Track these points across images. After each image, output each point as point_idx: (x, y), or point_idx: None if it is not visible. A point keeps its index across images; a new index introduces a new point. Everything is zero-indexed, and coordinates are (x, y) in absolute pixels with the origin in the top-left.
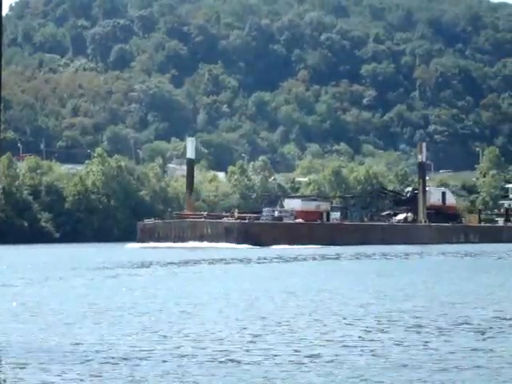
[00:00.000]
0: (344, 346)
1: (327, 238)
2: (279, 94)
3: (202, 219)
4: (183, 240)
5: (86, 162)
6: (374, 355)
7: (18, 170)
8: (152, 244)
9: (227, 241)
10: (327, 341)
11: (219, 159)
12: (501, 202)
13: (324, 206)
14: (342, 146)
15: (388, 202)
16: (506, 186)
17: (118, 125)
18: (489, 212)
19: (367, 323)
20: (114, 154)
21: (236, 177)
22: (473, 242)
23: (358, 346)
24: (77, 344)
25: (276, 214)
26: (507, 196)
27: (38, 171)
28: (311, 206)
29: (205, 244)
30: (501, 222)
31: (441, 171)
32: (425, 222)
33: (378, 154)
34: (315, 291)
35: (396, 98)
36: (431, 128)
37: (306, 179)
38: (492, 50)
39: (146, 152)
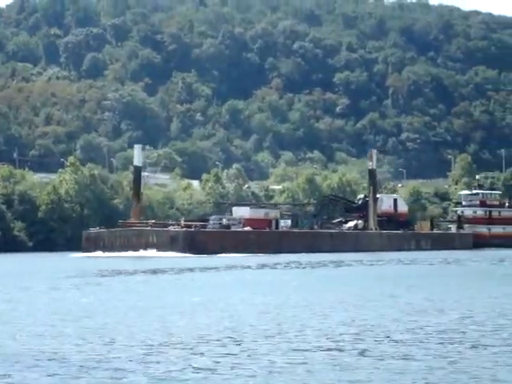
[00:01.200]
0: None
1: (275, 246)
2: (253, 102)
3: (148, 228)
4: (129, 249)
5: (59, 170)
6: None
7: None
8: (96, 253)
9: (173, 249)
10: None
11: (193, 167)
12: (454, 208)
13: (273, 213)
14: (316, 153)
15: (339, 210)
16: (459, 193)
17: (92, 133)
18: (441, 219)
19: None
20: (87, 163)
21: (210, 185)
22: (424, 249)
23: None
24: None
25: (224, 221)
26: (460, 203)
27: (11, 180)
28: (260, 213)
29: (150, 253)
30: (453, 229)
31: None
32: (375, 229)
33: (351, 161)
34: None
35: (369, 106)
36: (404, 136)
37: (279, 187)
38: (464, 58)
39: (120, 160)
